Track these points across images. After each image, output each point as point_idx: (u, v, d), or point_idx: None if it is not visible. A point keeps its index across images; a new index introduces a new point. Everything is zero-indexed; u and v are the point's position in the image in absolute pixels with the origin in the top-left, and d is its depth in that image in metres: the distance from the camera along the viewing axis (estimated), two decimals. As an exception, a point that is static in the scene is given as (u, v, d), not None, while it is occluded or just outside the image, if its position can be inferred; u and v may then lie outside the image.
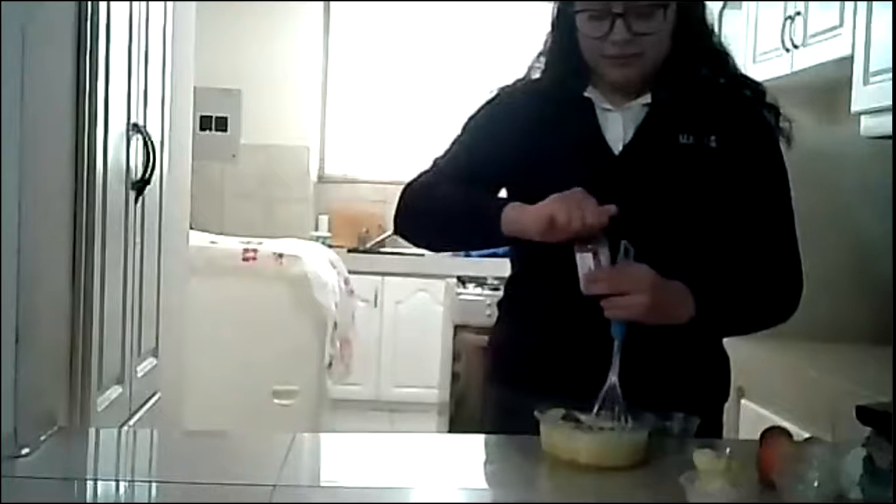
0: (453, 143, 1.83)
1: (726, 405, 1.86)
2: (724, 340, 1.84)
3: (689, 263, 1.66)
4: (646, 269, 1.58)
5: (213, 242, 4.42)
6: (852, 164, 2.92)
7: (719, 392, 1.84)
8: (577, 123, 1.74)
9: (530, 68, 1.81)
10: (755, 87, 1.79)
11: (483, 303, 4.27)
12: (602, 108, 1.74)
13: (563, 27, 1.74)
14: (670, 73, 1.71)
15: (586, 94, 1.74)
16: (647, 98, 1.72)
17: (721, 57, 1.78)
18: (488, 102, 1.83)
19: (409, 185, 1.81)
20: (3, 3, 1.55)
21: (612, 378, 1.57)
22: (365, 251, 5.77)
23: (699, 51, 1.74)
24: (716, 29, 1.80)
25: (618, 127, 1.72)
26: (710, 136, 1.70)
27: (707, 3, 1.78)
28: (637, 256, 1.60)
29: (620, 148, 1.72)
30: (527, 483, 1.56)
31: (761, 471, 1.40)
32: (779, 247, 1.75)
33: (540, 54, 1.80)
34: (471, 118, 1.84)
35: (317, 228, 5.93)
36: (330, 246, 5.39)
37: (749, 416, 2.68)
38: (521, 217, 1.61)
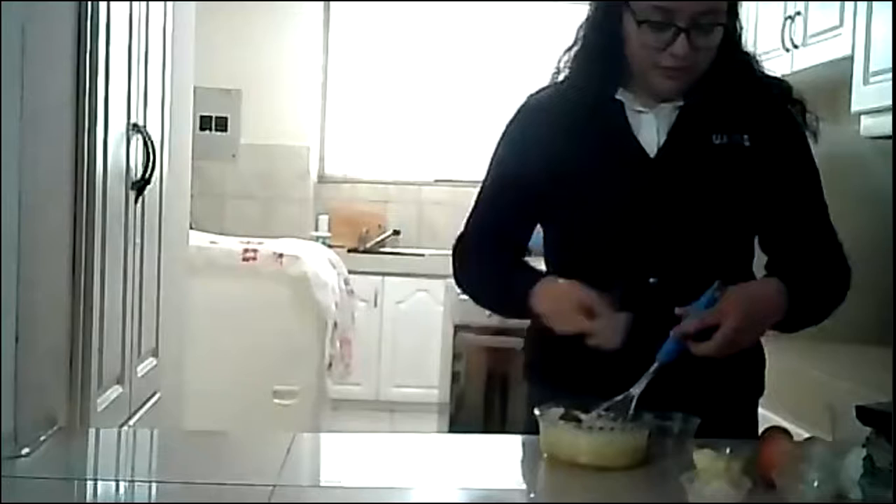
0: (491, 164, 1.83)
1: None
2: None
3: (732, 262, 1.68)
4: (733, 299, 1.58)
5: (213, 242, 4.41)
6: (852, 164, 2.91)
7: (755, 386, 1.84)
8: (610, 126, 1.73)
9: (559, 66, 1.79)
10: (781, 85, 1.79)
11: (483, 303, 4.25)
12: (634, 109, 1.73)
13: (606, 28, 1.71)
14: (705, 78, 1.70)
15: (618, 96, 1.73)
16: (680, 101, 1.72)
17: (749, 59, 1.78)
18: (518, 113, 1.82)
19: (457, 243, 1.84)
20: (3, 3, 1.55)
21: (635, 392, 1.56)
22: (365, 251, 5.76)
23: (734, 58, 1.74)
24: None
25: (651, 129, 1.72)
26: (743, 135, 1.71)
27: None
28: (678, 258, 1.61)
29: (655, 150, 1.71)
30: (527, 483, 1.56)
31: (761, 471, 1.40)
32: (824, 237, 1.78)
33: (568, 50, 1.78)
34: (503, 134, 1.83)
35: (317, 228, 5.93)
36: (330, 246, 5.38)
37: (749, 416, 2.67)
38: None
